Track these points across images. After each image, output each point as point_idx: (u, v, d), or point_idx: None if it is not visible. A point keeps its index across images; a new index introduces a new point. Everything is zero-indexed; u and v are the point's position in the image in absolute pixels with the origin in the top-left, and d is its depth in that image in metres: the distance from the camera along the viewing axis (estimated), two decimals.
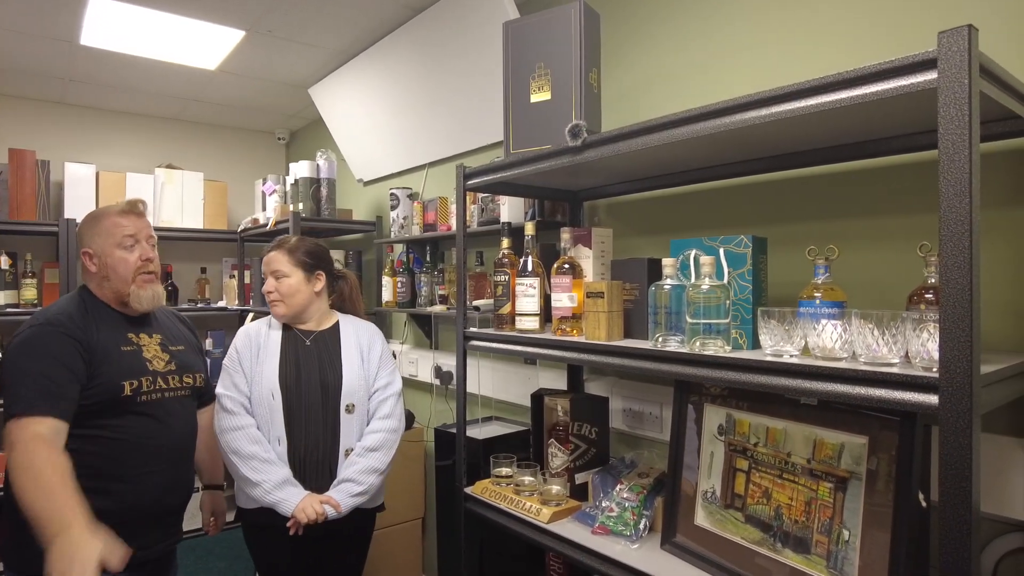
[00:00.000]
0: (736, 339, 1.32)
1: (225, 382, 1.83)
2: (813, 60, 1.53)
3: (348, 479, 1.78)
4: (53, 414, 1.44)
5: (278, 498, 1.70)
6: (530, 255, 1.70)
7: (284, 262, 1.88)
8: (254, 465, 1.72)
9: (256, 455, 1.73)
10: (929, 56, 0.92)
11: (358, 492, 1.78)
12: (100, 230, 1.64)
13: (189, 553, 2.89)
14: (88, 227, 1.66)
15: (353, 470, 1.79)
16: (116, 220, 1.65)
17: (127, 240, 1.64)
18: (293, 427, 1.79)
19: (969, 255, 0.87)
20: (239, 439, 1.74)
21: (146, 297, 1.66)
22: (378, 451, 1.83)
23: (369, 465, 1.80)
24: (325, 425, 1.82)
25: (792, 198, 1.57)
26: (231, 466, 1.76)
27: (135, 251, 1.65)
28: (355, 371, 1.88)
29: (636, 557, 1.43)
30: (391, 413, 1.90)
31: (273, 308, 1.88)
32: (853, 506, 1.17)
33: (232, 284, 3.80)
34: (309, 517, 1.68)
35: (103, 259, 1.63)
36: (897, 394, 0.98)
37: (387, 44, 2.79)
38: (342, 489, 1.77)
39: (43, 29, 2.70)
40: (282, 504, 1.70)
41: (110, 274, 1.63)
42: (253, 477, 1.71)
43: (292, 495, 1.71)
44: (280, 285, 1.86)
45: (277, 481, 1.72)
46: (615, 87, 2.00)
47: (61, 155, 3.58)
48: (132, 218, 1.67)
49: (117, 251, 1.63)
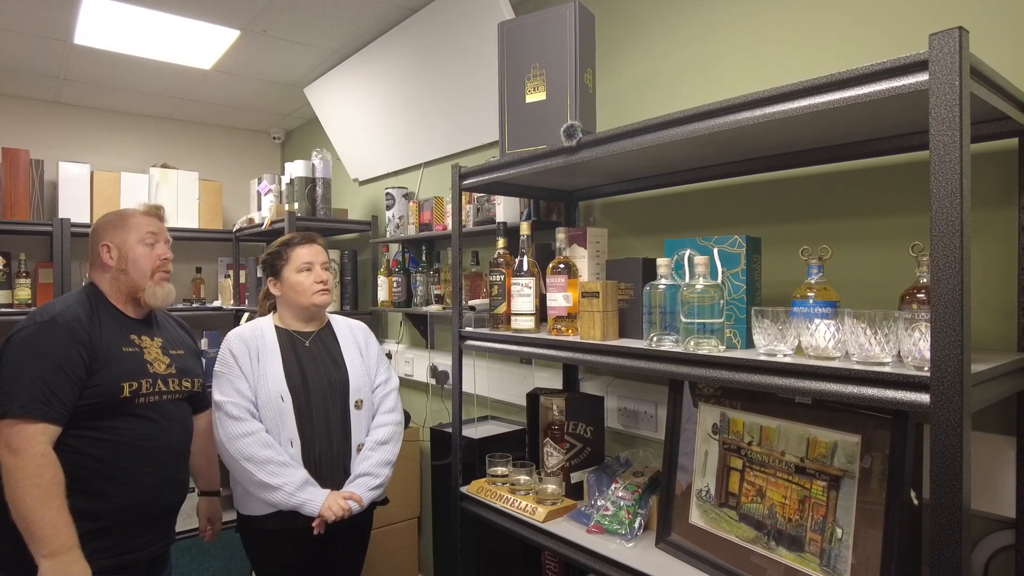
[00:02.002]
0: (730, 338, 1.33)
1: (225, 389, 1.76)
2: (806, 61, 1.54)
3: (365, 473, 1.80)
4: (47, 419, 1.44)
5: (303, 499, 1.69)
6: (526, 255, 1.71)
7: (326, 255, 1.94)
8: (271, 470, 1.69)
9: (272, 459, 1.70)
10: (920, 58, 0.93)
11: (376, 485, 1.80)
12: (123, 225, 1.68)
13: (184, 553, 2.88)
14: (110, 222, 1.69)
15: (368, 464, 1.81)
16: (140, 219, 1.70)
17: (149, 237, 1.68)
18: (305, 427, 1.77)
19: (960, 255, 0.88)
20: (251, 445, 1.70)
21: (161, 294, 1.68)
22: (388, 443, 1.86)
23: (383, 458, 1.83)
24: (337, 423, 1.82)
25: (786, 198, 1.58)
26: (243, 473, 1.70)
27: (156, 248, 1.69)
28: (358, 368, 1.90)
29: (631, 556, 1.44)
30: (395, 407, 1.94)
31: (323, 297, 1.89)
32: (846, 504, 1.18)
33: (228, 284, 3.79)
34: (336, 515, 1.69)
35: (123, 252, 1.65)
36: (889, 393, 0.98)
37: (382, 44, 2.79)
38: (361, 483, 1.78)
39: (37, 28, 2.69)
40: (307, 505, 1.69)
41: (129, 267, 1.65)
42: (273, 481, 1.68)
43: (316, 495, 1.71)
44: (329, 275, 1.92)
45: (299, 483, 1.70)
46: (610, 87, 2.01)
47: (55, 155, 3.57)
48: (155, 220, 1.73)
49: (139, 246, 1.66)
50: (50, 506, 1.41)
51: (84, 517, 1.49)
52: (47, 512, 1.40)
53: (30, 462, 1.41)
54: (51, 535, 1.40)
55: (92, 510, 1.50)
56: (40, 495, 1.40)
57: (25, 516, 1.40)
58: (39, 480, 1.41)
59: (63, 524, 1.42)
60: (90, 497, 1.50)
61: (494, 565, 2.16)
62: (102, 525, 1.51)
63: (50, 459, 1.43)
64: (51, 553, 1.40)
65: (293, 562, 1.81)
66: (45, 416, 1.44)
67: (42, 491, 1.41)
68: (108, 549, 1.52)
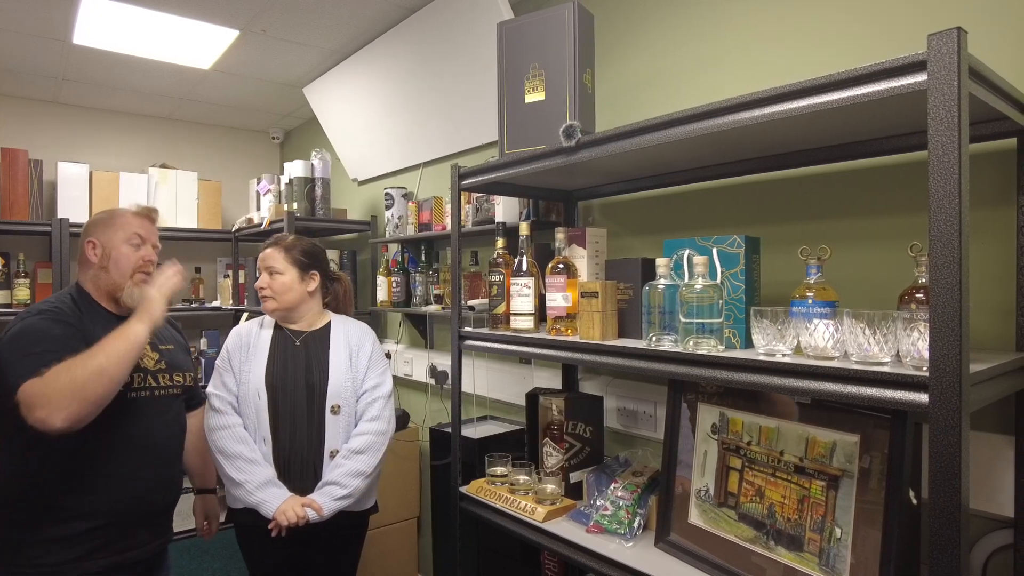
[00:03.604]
0: (729, 338, 1.33)
1: (215, 381, 1.85)
2: (805, 61, 1.54)
3: (332, 482, 1.76)
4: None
5: (260, 499, 1.70)
6: (525, 255, 1.71)
7: (279, 259, 1.89)
8: (238, 465, 1.73)
9: (241, 455, 1.74)
10: (919, 58, 0.93)
11: (341, 496, 1.74)
12: (111, 224, 1.67)
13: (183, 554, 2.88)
14: (100, 219, 1.70)
15: (337, 473, 1.76)
16: (130, 219, 1.69)
17: (135, 238, 1.67)
18: (278, 427, 1.79)
19: (958, 255, 0.88)
20: (225, 438, 1.76)
21: (139, 295, 1.66)
22: (364, 454, 1.79)
23: (354, 468, 1.77)
24: (310, 426, 1.81)
25: (785, 198, 1.58)
26: (217, 465, 1.78)
27: (140, 251, 1.67)
28: (342, 372, 1.86)
29: (630, 555, 1.44)
30: (379, 415, 1.86)
31: (264, 303, 1.88)
32: (845, 504, 1.18)
33: (227, 284, 3.79)
34: (290, 520, 1.67)
35: (107, 250, 1.64)
36: (888, 393, 0.99)
37: (381, 44, 2.79)
38: (325, 492, 1.75)
39: (36, 28, 2.69)
40: (264, 505, 1.70)
41: (110, 266, 1.64)
42: (237, 477, 1.72)
43: (274, 496, 1.71)
44: (273, 281, 1.87)
45: (260, 482, 1.71)
46: (609, 87, 2.01)
47: (54, 155, 3.56)
48: (145, 222, 1.71)
49: (124, 246, 1.65)
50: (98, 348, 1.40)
51: (78, 516, 1.49)
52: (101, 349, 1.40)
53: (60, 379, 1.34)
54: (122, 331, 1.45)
55: (86, 508, 1.50)
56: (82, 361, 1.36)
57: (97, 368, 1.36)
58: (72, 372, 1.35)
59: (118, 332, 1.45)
60: (83, 495, 1.49)
61: (493, 565, 2.16)
62: (96, 524, 1.51)
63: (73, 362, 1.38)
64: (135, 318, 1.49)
65: (281, 562, 1.82)
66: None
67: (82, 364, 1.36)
68: (104, 548, 1.52)
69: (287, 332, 1.90)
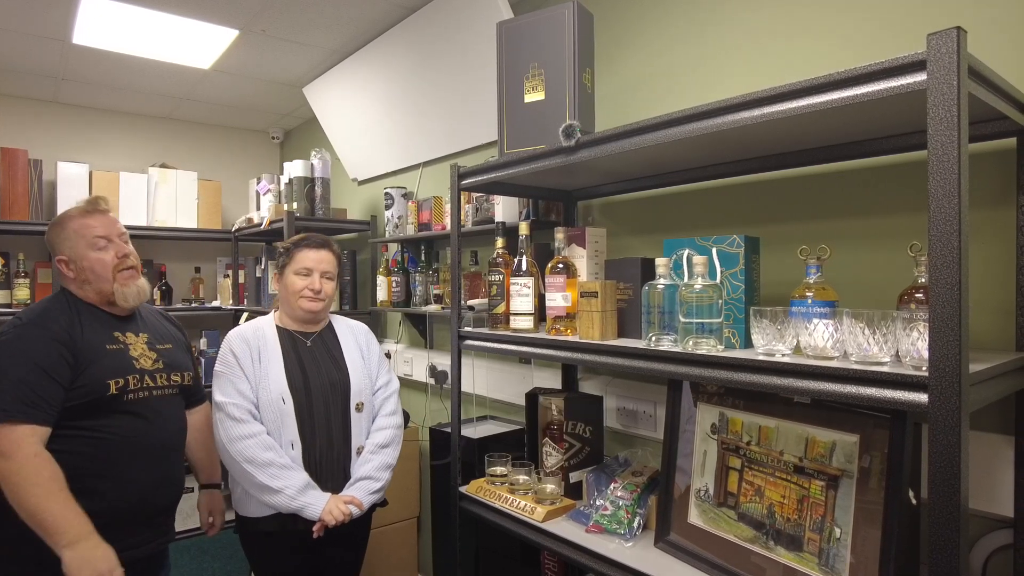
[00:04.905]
0: (729, 338, 1.33)
1: (226, 390, 1.74)
2: (805, 61, 1.54)
3: (366, 476, 1.79)
4: (34, 421, 1.44)
5: (303, 503, 1.68)
6: (524, 255, 1.71)
7: (334, 264, 1.89)
8: (273, 472, 1.67)
9: (273, 462, 1.68)
10: (919, 58, 0.93)
11: (376, 489, 1.80)
12: (69, 234, 1.61)
13: (183, 553, 2.88)
14: (56, 234, 1.62)
15: (369, 467, 1.80)
16: (83, 221, 1.62)
17: (99, 241, 1.61)
18: (306, 430, 1.76)
19: (958, 255, 0.88)
20: (252, 447, 1.68)
21: (131, 293, 1.65)
22: (389, 447, 1.86)
23: (384, 461, 1.83)
24: (337, 425, 1.81)
25: (784, 198, 1.58)
26: (244, 475, 1.69)
27: (109, 250, 1.62)
28: (359, 370, 1.89)
29: (630, 555, 1.44)
30: (396, 410, 1.93)
31: (310, 303, 1.84)
32: (844, 504, 1.18)
33: (226, 284, 3.79)
34: (337, 519, 1.68)
35: (79, 263, 1.60)
36: (887, 393, 0.99)
37: (381, 43, 2.79)
38: (361, 487, 1.78)
39: (35, 28, 2.69)
40: (308, 509, 1.68)
41: (90, 276, 1.60)
42: (274, 484, 1.66)
43: (317, 499, 1.70)
44: (326, 286, 1.86)
45: (299, 486, 1.69)
46: (609, 87, 2.01)
47: (54, 154, 3.56)
48: (98, 216, 1.64)
49: (91, 252, 1.60)
50: (55, 500, 1.41)
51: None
52: (54, 505, 1.41)
53: (25, 464, 1.41)
54: (64, 526, 1.41)
55: (87, 509, 1.50)
56: (42, 493, 1.40)
57: (33, 514, 1.40)
58: (38, 479, 1.41)
59: (73, 514, 1.42)
60: (84, 496, 1.49)
61: (493, 565, 2.16)
62: (97, 524, 1.51)
63: (44, 458, 1.43)
64: (70, 543, 1.41)
65: (291, 564, 1.80)
66: (31, 417, 1.44)
67: (43, 488, 1.41)
68: None
69: (295, 334, 1.88)
